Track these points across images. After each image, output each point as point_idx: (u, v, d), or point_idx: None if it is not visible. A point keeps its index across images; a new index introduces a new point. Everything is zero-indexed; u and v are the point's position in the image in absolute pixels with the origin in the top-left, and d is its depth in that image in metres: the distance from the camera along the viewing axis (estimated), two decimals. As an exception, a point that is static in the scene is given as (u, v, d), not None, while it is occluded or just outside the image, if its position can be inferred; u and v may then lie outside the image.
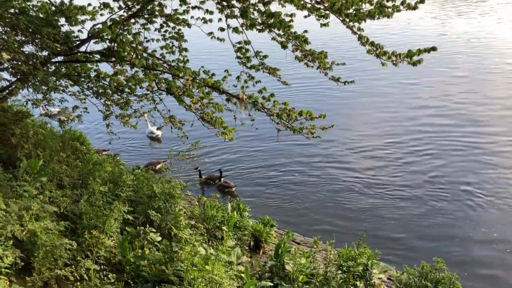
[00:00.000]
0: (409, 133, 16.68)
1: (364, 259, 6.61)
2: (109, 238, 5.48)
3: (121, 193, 5.70)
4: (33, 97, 6.83)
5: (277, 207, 12.48)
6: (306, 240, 10.42)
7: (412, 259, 8.92)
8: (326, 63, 7.50)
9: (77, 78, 7.70)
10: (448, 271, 6.69)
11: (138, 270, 5.28)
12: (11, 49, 5.85)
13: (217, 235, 7.85)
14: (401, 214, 11.81)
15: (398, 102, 19.81)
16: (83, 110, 8.12)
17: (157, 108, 8.34)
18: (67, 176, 7.19)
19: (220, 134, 7.72)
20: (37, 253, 4.63)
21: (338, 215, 11.90)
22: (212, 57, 25.73)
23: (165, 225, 6.88)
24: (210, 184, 13.87)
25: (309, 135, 7.56)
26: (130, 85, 7.62)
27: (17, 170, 5.97)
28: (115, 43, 6.56)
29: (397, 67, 7.08)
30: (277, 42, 7.21)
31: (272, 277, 6.70)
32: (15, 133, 6.94)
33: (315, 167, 14.67)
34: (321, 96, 20.81)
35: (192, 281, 4.48)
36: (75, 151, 8.48)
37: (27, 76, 6.16)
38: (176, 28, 7.78)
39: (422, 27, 33.78)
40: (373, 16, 6.65)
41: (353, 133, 16.97)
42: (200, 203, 9.16)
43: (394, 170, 14.10)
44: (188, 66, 7.64)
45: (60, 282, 4.95)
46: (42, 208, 5.32)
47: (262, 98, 7.37)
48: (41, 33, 6.29)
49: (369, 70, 22.89)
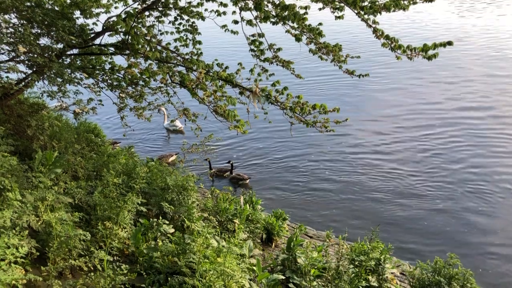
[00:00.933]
0: (426, 129, 16.53)
1: (377, 253, 6.58)
2: (123, 229, 5.53)
3: (135, 185, 5.74)
4: (48, 89, 6.90)
5: (290, 200, 12.48)
6: (319, 234, 10.40)
7: (425, 255, 8.88)
8: (340, 56, 7.43)
9: (92, 70, 7.75)
10: (462, 267, 6.64)
11: (151, 262, 5.32)
12: (27, 42, 5.90)
13: (230, 228, 7.87)
14: (415, 209, 11.73)
15: (416, 97, 19.63)
16: (98, 102, 8.17)
17: (171, 101, 8.37)
18: (81, 168, 7.27)
19: (233, 128, 7.71)
20: (52, 243, 4.70)
21: (351, 209, 11.86)
22: (225, 50, 25.73)
23: (178, 217, 6.92)
24: (221, 176, 13.88)
25: (323, 129, 7.51)
26: (144, 78, 7.66)
27: (32, 162, 6.04)
28: (129, 36, 6.58)
29: (412, 61, 7.00)
30: (291, 35, 7.16)
31: (284, 270, 6.71)
32: (31, 124, 7.01)
33: (328, 161, 14.62)
34: (335, 90, 20.68)
35: (204, 273, 4.50)
36: (90, 143, 8.57)
37: (43, 69, 6.21)
38: (190, 21, 7.78)
39: (439, 21, 33.30)
40: (388, 8, 6.56)
41: (368, 128, 16.86)
42: (213, 195, 9.20)
43: (410, 165, 14.00)
44: (201, 59, 7.64)
45: (74, 272, 5.02)
46: (57, 199, 5.39)
47: (275, 91, 7.34)
48: (57, 25, 6.34)
49: (385, 63, 22.68)
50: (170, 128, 17.47)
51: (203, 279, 4.42)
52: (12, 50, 6.27)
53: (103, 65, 7.89)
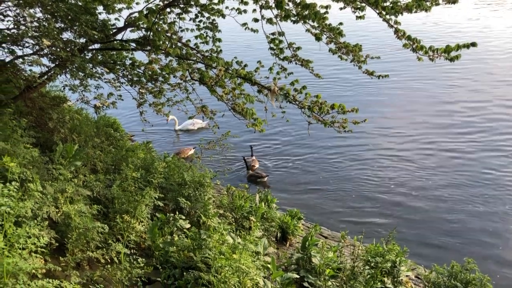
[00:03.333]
0: (445, 130, 16.33)
1: (393, 255, 6.53)
2: (140, 223, 5.59)
3: (153, 180, 5.79)
4: (70, 83, 7.00)
5: (305, 199, 12.45)
6: (334, 235, 10.37)
7: (441, 259, 8.76)
8: (360, 56, 7.39)
9: (113, 65, 7.83)
10: (480, 272, 6.54)
11: (167, 256, 5.37)
12: (50, 36, 5.99)
13: (245, 225, 7.90)
14: (432, 212, 11.60)
15: (436, 98, 19.40)
16: (118, 97, 8.26)
17: (189, 98, 8.42)
18: (100, 161, 7.37)
19: (251, 126, 7.73)
20: (71, 234, 4.77)
21: (367, 211, 11.79)
22: (243, 48, 25.76)
23: (194, 213, 6.97)
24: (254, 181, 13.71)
25: (341, 129, 7.49)
26: (164, 74, 7.71)
27: (53, 154, 6.14)
28: (151, 32, 6.63)
29: (434, 62, 6.93)
30: (311, 34, 7.14)
31: (298, 269, 6.70)
32: (52, 117, 7.13)
33: (345, 161, 14.55)
34: (354, 90, 20.57)
35: (219, 269, 4.52)
36: (109, 137, 8.67)
37: (65, 62, 6.30)
38: (210, 18, 7.81)
39: (461, 23, 32.86)
40: (410, 9, 6.50)
41: (386, 129, 16.74)
42: (229, 192, 9.23)
43: (427, 167, 13.84)
44: (221, 57, 7.67)
45: (91, 264, 5.09)
46: (76, 192, 5.48)
47: (294, 90, 7.33)
48: (80, 20, 6.41)
49: (405, 64, 22.47)
50: (183, 129, 17.47)
51: (218, 275, 4.44)
52: (36, 44, 6.36)
53: (124, 60, 7.97)
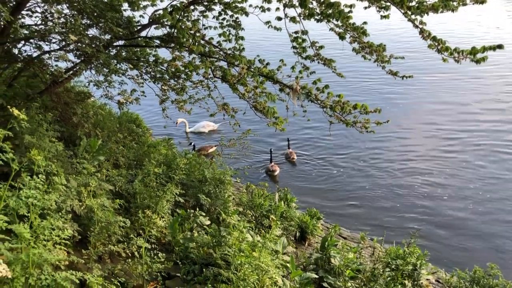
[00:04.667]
0: (471, 132, 16.02)
1: (414, 258, 6.45)
2: (161, 218, 5.64)
3: (174, 176, 5.84)
4: (95, 79, 7.10)
5: (325, 199, 12.36)
6: (353, 236, 10.29)
7: (463, 263, 8.61)
8: (384, 56, 7.32)
9: (136, 62, 7.92)
10: (503, 279, 6.42)
11: (187, 252, 5.40)
12: (77, 32, 6.09)
13: (264, 224, 7.90)
14: (454, 216, 11.41)
15: (460, 99, 19.07)
16: (141, 93, 8.35)
17: (211, 95, 8.46)
18: (122, 157, 7.47)
19: (272, 124, 7.72)
20: (93, 228, 4.84)
21: (387, 213, 11.64)
22: (265, 46, 25.75)
23: (214, 210, 7.00)
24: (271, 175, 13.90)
25: (363, 129, 7.42)
26: (186, 71, 7.76)
27: (77, 148, 6.24)
28: (175, 29, 6.67)
29: (459, 64, 6.82)
30: (335, 33, 7.10)
31: (317, 269, 6.67)
32: (76, 112, 7.25)
33: (364, 162, 14.42)
34: (376, 90, 20.38)
35: (239, 266, 4.53)
36: (131, 133, 8.77)
37: (91, 58, 6.39)
38: (233, 16, 7.82)
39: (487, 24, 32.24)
40: (436, 9, 6.40)
41: (410, 130, 16.54)
42: (248, 190, 9.25)
43: (450, 171, 13.61)
44: (243, 55, 7.68)
45: (112, 257, 5.16)
46: (99, 186, 5.56)
47: (316, 89, 7.29)
48: (105, 17, 6.50)
49: (428, 65, 22.15)
50: (195, 131, 17.34)
51: (238, 272, 4.45)
52: (62, 40, 6.48)
53: (147, 57, 8.05)
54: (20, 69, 7.09)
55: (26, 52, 6.82)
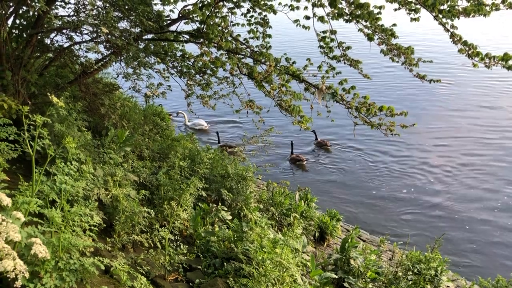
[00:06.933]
0: (499, 139, 15.76)
1: (435, 264, 6.38)
2: (184, 211, 5.70)
3: (199, 170, 5.89)
4: (124, 71, 7.20)
5: (345, 201, 12.30)
6: (372, 239, 10.22)
7: (484, 272, 8.48)
8: (412, 59, 7.25)
9: (164, 56, 8.00)
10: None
11: (208, 245, 5.45)
12: (109, 24, 6.18)
13: (284, 222, 7.91)
14: (477, 223, 11.22)
15: (493, 104, 18.79)
16: (167, 87, 8.44)
17: (235, 92, 8.50)
18: (147, 149, 7.56)
19: (296, 123, 7.72)
20: (118, 217, 4.92)
21: (408, 218, 11.53)
22: (290, 45, 25.69)
23: (236, 205, 7.03)
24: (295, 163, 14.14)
25: (388, 132, 7.36)
26: (212, 67, 7.82)
27: (104, 138, 6.34)
28: (205, 24, 6.73)
29: (490, 70, 6.71)
30: (364, 34, 7.06)
31: (336, 270, 6.65)
32: (104, 103, 7.35)
33: (387, 165, 14.30)
34: (402, 92, 20.20)
35: (260, 262, 4.55)
36: (156, 126, 8.86)
37: (121, 50, 6.48)
38: (262, 14, 7.84)
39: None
40: (468, 13, 6.32)
41: (436, 135, 16.33)
42: (269, 188, 9.26)
43: (476, 177, 13.39)
44: (270, 53, 7.69)
45: (135, 247, 5.24)
46: (125, 176, 5.64)
47: (342, 90, 7.26)
48: (136, 10, 6.58)
49: (460, 70, 21.90)
50: (195, 128, 17.34)
51: (259, 268, 4.47)
52: (94, 31, 6.58)
53: (175, 52, 8.13)
54: (50, 59, 7.22)
55: (57, 43, 6.95)
